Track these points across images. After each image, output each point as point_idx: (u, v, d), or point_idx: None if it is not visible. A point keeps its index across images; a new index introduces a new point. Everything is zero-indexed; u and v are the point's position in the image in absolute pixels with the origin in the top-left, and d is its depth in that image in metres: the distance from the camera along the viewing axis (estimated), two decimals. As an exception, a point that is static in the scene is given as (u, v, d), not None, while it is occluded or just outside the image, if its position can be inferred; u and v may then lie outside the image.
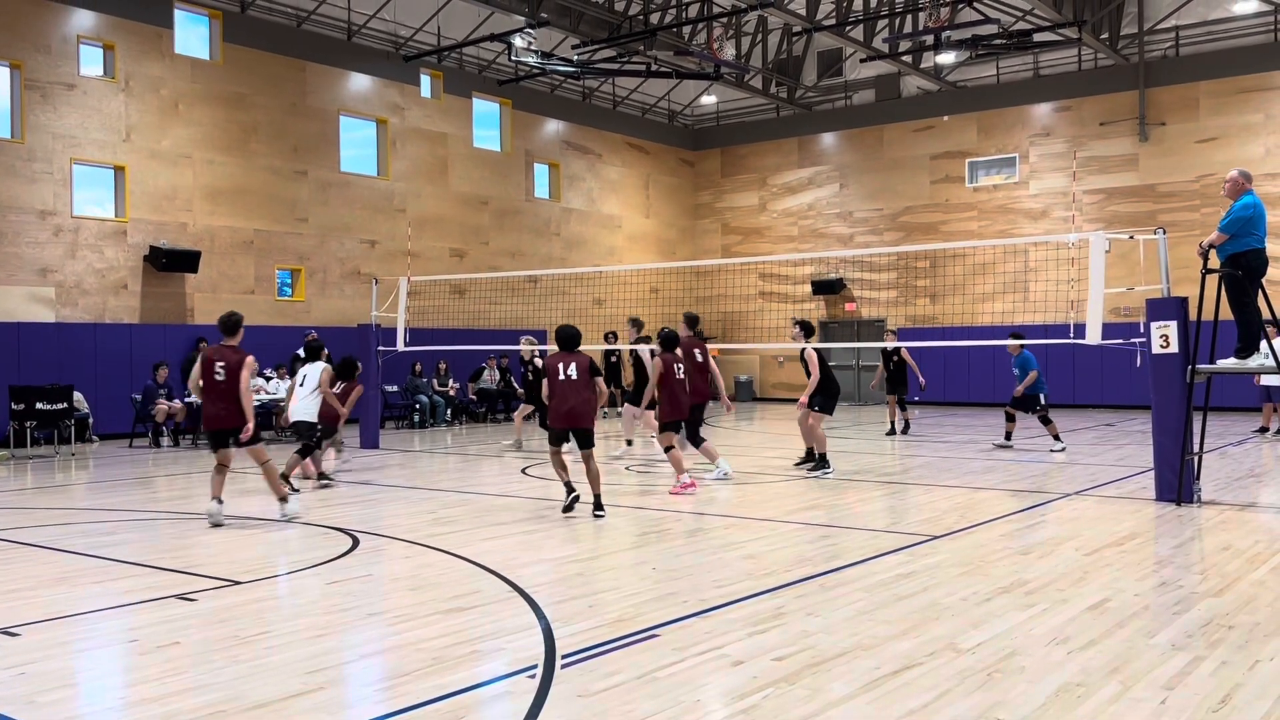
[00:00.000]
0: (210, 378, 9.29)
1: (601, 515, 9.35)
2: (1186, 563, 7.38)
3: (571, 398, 9.40)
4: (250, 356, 9.39)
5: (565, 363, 9.44)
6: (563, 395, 9.41)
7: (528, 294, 24.88)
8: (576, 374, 9.40)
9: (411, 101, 23.87)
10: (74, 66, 18.46)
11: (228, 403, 9.25)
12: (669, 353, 11.47)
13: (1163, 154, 24.39)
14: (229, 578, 7.08)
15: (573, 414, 9.41)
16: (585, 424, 9.49)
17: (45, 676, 4.98)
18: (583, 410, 9.44)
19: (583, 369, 9.44)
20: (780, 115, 29.92)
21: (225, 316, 9.64)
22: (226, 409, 9.26)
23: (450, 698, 4.59)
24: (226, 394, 9.24)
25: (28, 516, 10.05)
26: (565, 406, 9.41)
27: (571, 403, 9.40)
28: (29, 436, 16.25)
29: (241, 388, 9.22)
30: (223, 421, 9.33)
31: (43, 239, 18.01)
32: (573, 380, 9.39)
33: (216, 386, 9.27)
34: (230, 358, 9.31)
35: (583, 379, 9.42)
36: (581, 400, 9.42)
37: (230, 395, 9.23)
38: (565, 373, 9.39)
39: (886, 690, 4.64)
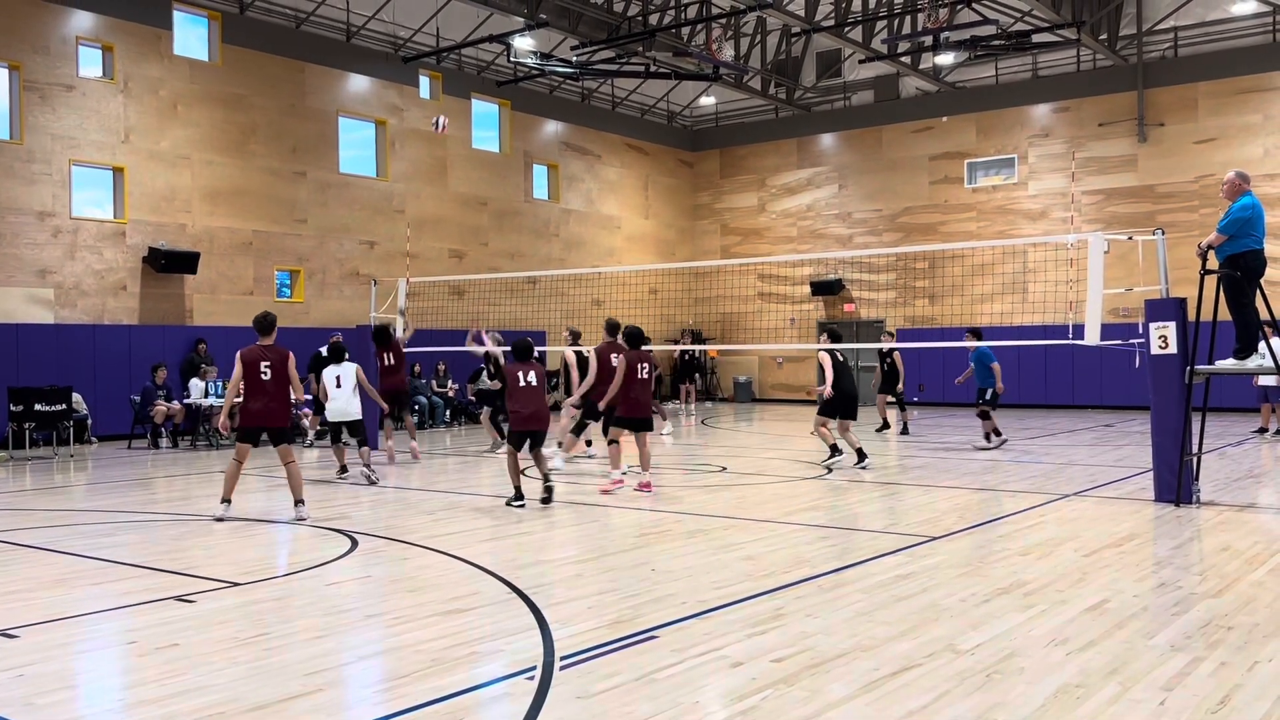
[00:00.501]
0: (256, 378, 9.60)
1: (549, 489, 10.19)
2: (1185, 564, 7.38)
3: (533, 404, 10.06)
4: (290, 353, 9.81)
5: (524, 371, 10.10)
6: (525, 401, 10.05)
7: (527, 295, 24.88)
8: (536, 381, 10.07)
9: (410, 102, 23.87)
10: (73, 68, 18.46)
11: (278, 401, 9.65)
12: (635, 350, 11.43)
13: (1161, 155, 24.40)
14: (228, 579, 7.08)
15: (535, 418, 10.09)
16: (545, 428, 10.27)
17: (44, 678, 4.98)
18: (544, 415, 10.22)
19: (540, 377, 10.14)
20: (779, 116, 29.92)
21: (261, 316, 9.92)
22: (279, 406, 9.67)
23: (449, 699, 4.59)
24: (275, 391, 9.63)
25: (27, 518, 10.04)
26: (528, 411, 10.06)
27: (534, 408, 10.07)
28: (28, 438, 16.24)
29: (293, 381, 9.75)
30: (276, 419, 9.70)
31: (42, 240, 18.01)
32: (533, 387, 10.07)
33: (264, 385, 9.61)
34: (273, 356, 9.69)
35: (541, 386, 10.12)
36: (542, 405, 10.18)
37: (280, 393, 9.66)
38: (525, 380, 10.06)
39: (885, 691, 4.64)
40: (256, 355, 9.67)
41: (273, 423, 9.70)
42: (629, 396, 11.33)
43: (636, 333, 11.49)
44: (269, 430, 9.72)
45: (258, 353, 9.69)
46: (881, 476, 12.67)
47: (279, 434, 9.79)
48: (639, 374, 11.32)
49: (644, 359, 11.41)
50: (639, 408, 11.39)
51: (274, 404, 9.64)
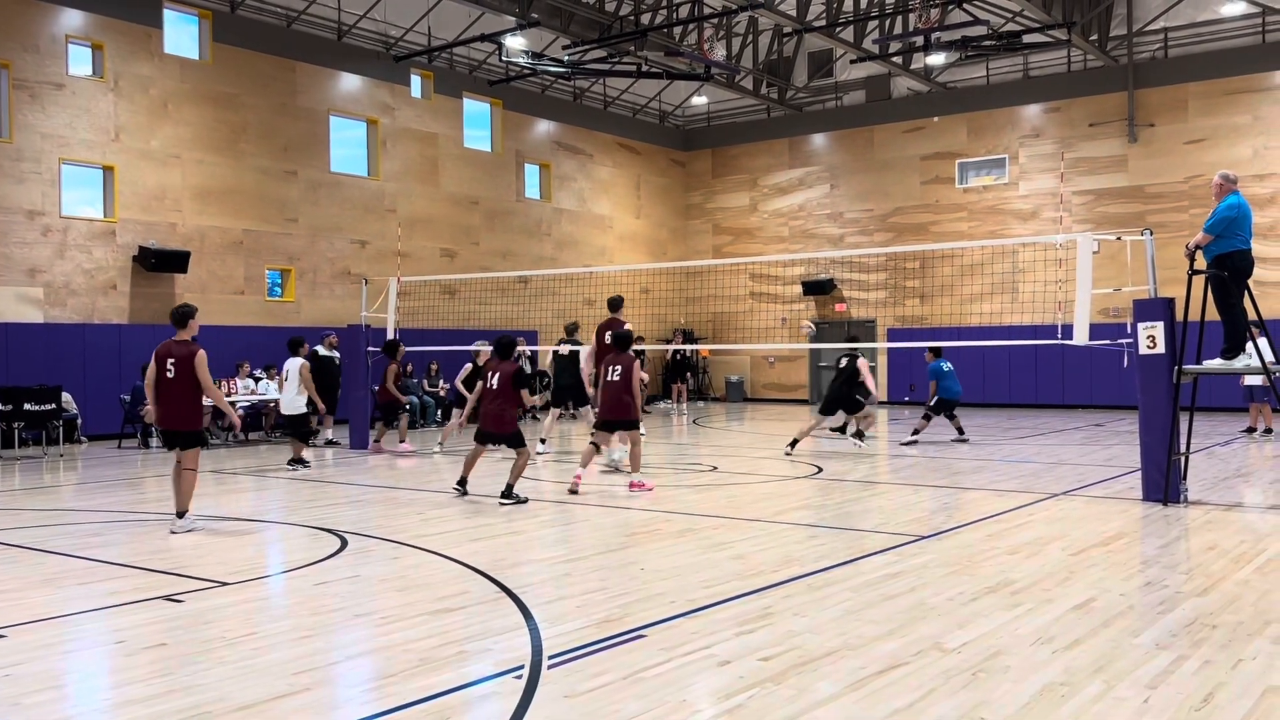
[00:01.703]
0: (162, 375, 8.96)
1: (505, 503, 10.14)
2: (1172, 562, 7.42)
3: (487, 405, 10.27)
4: (202, 351, 8.98)
5: (491, 371, 10.27)
6: (487, 399, 10.32)
7: (518, 294, 24.87)
8: (498, 384, 10.15)
9: (402, 102, 23.84)
10: (62, 66, 18.41)
11: (179, 402, 8.89)
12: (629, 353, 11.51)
13: (1151, 155, 24.49)
14: (216, 579, 7.08)
15: (486, 418, 10.28)
16: (495, 429, 10.31)
17: (31, 678, 4.97)
18: (495, 416, 10.27)
19: (504, 379, 10.15)
20: (771, 116, 29.96)
21: (175, 309, 9.26)
22: (178, 408, 8.89)
23: (437, 698, 4.60)
24: (178, 392, 8.89)
25: (15, 518, 10.01)
26: (485, 409, 10.34)
27: (487, 409, 10.28)
28: (17, 437, 16.20)
29: (203, 383, 8.92)
30: (173, 421, 8.94)
31: (31, 239, 17.96)
32: (492, 389, 10.20)
33: (168, 384, 8.92)
34: (180, 352, 8.94)
35: (502, 388, 10.14)
36: (494, 408, 10.25)
37: (183, 394, 8.88)
38: (490, 381, 10.22)
39: (872, 690, 4.65)
40: (163, 351, 9.04)
41: (168, 425, 8.98)
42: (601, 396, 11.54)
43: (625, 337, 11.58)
44: (163, 434, 9.12)
45: (165, 349, 9.05)
46: (871, 476, 12.71)
47: (173, 437, 9.00)
48: (607, 374, 11.36)
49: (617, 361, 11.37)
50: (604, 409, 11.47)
51: (172, 406, 8.90)
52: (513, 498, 10.21)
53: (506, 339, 10.48)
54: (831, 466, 13.56)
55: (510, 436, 10.36)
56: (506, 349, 10.39)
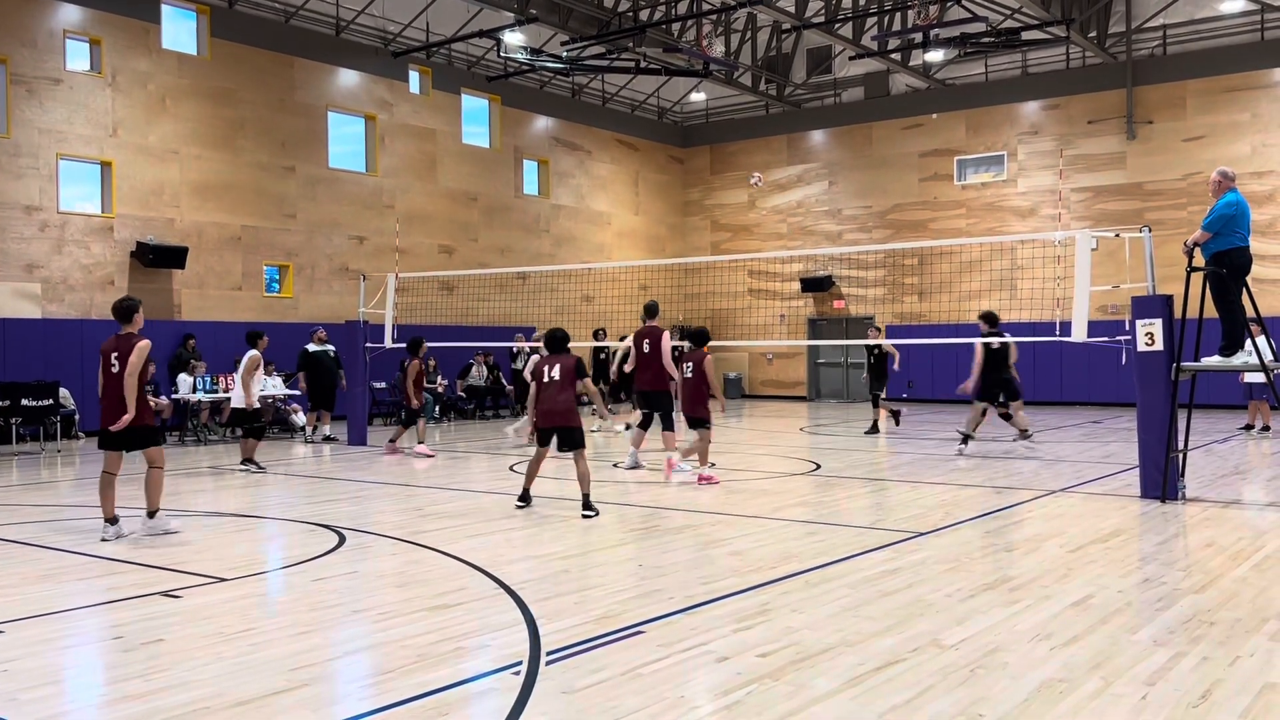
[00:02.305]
0: (107, 372, 8.41)
1: (590, 515, 9.23)
2: (1170, 559, 7.42)
3: (549, 399, 9.49)
4: (145, 341, 8.36)
5: (550, 365, 9.57)
6: (545, 395, 9.53)
7: (517, 291, 24.86)
8: (559, 375, 9.47)
9: (400, 97, 23.81)
10: (60, 61, 18.37)
11: (119, 399, 8.29)
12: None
13: (1150, 152, 24.49)
14: (214, 574, 7.07)
15: (550, 413, 9.48)
16: (562, 423, 9.48)
17: (29, 674, 4.97)
18: (560, 410, 9.46)
19: (566, 370, 9.49)
20: (769, 112, 29.94)
21: (119, 302, 8.61)
22: (118, 405, 8.30)
23: (435, 694, 4.60)
24: (118, 389, 8.30)
25: (12, 513, 10.01)
26: (544, 406, 9.53)
27: (549, 404, 9.48)
28: (14, 433, 16.17)
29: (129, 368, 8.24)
30: (112, 418, 8.35)
31: (29, 234, 17.93)
32: (554, 381, 9.48)
33: (112, 381, 8.36)
34: (123, 346, 8.35)
35: (565, 380, 9.47)
36: (560, 400, 9.46)
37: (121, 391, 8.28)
38: (549, 374, 9.52)
39: (870, 686, 4.65)
40: (107, 347, 8.46)
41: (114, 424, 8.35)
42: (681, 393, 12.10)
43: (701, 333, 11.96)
44: (107, 435, 8.41)
45: (109, 344, 8.47)
46: (869, 473, 12.71)
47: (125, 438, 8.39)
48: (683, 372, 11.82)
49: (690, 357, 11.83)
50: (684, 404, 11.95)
51: (117, 403, 8.30)
52: (594, 509, 9.34)
53: (560, 332, 9.74)
54: (829, 463, 13.56)
55: (571, 432, 9.49)
56: (561, 342, 9.67)
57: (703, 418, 11.75)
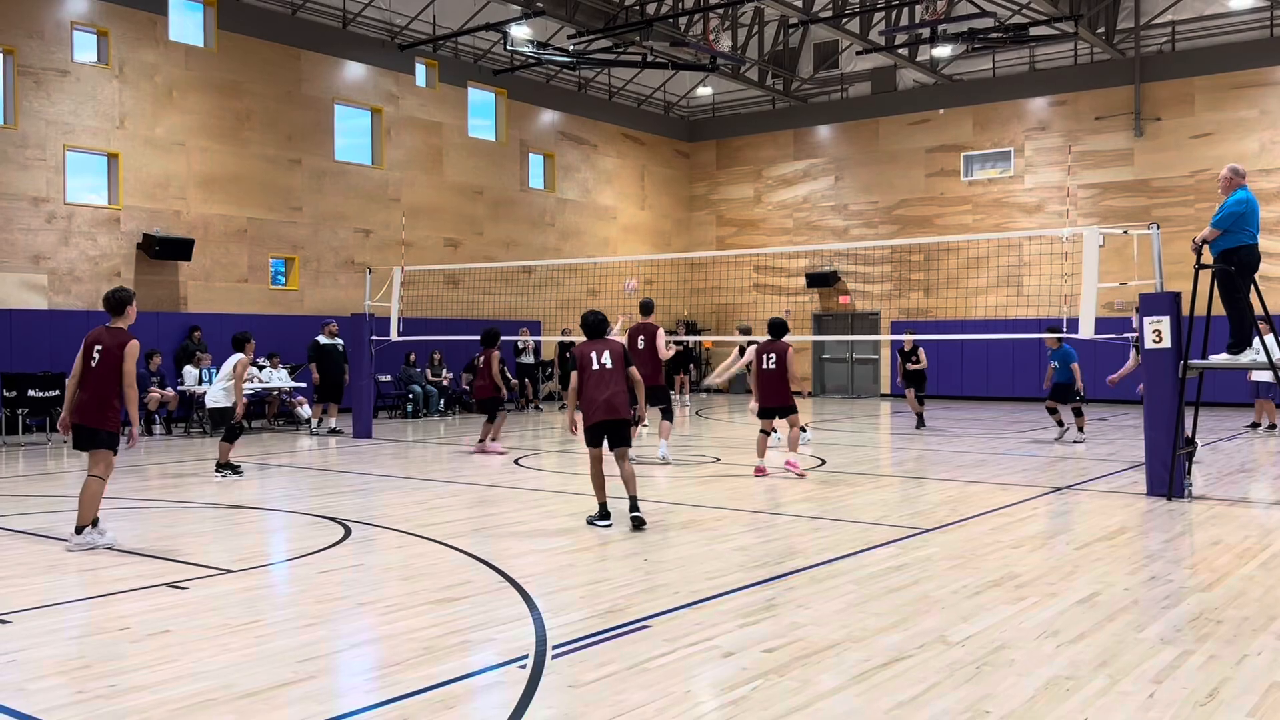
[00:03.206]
0: (86, 363, 7.88)
1: (639, 520, 8.34)
2: (1176, 557, 7.41)
3: (607, 387, 8.46)
4: (134, 341, 7.86)
5: (598, 350, 8.58)
6: (598, 385, 8.47)
7: (522, 284, 24.85)
8: (611, 362, 8.51)
9: (406, 90, 23.80)
10: (68, 53, 18.38)
11: (96, 395, 7.79)
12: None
13: (1158, 149, 24.42)
14: (221, 566, 7.08)
15: (610, 405, 8.42)
16: (622, 415, 8.49)
17: (36, 664, 4.98)
18: (620, 401, 8.48)
19: (619, 356, 8.57)
20: (776, 107, 29.89)
21: (111, 292, 8.12)
22: (93, 402, 7.78)
23: (441, 687, 4.60)
24: (97, 384, 7.80)
25: (19, 504, 10.03)
26: (602, 396, 8.43)
27: (608, 393, 8.44)
28: (21, 424, 16.21)
29: (125, 375, 7.73)
30: (86, 416, 7.79)
31: (36, 226, 17.95)
32: (607, 369, 8.49)
33: (89, 373, 7.84)
34: (109, 340, 7.85)
35: (618, 367, 8.53)
36: (618, 391, 8.49)
37: (102, 387, 7.78)
38: (599, 361, 8.51)
39: (876, 682, 4.65)
40: (92, 339, 7.96)
41: (80, 418, 7.81)
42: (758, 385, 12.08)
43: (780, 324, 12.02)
44: (75, 429, 7.85)
45: (95, 334, 7.98)
46: (874, 469, 12.69)
47: (83, 435, 7.84)
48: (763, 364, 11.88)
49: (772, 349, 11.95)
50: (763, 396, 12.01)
51: (89, 398, 7.79)
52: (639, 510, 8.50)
53: (595, 315, 8.81)
54: (834, 459, 13.55)
55: (624, 425, 8.55)
56: (600, 327, 8.75)
57: (791, 405, 11.90)
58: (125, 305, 8.05)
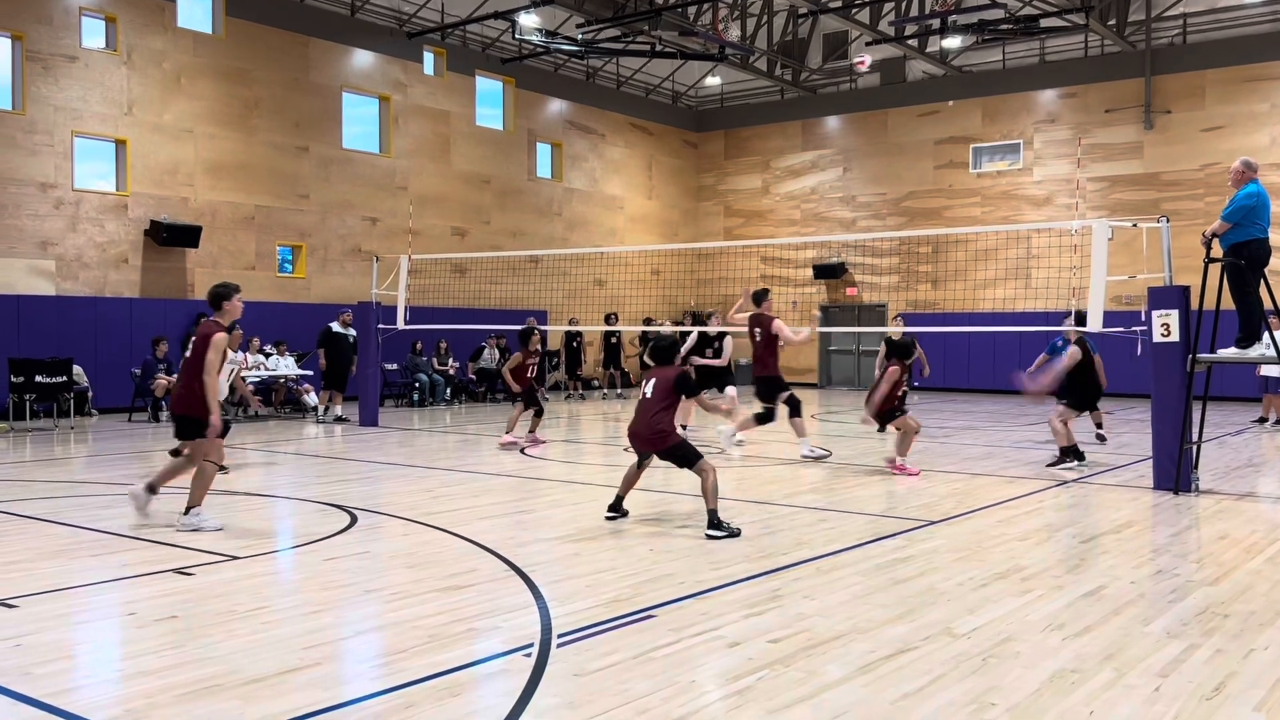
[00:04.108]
0: (184, 354, 8.22)
1: (717, 535, 7.70)
2: (1183, 551, 7.39)
3: (637, 418, 8.30)
4: (220, 334, 7.93)
5: (648, 378, 8.36)
6: (637, 411, 8.35)
7: (529, 274, 24.85)
8: (653, 391, 8.24)
9: (414, 79, 23.77)
10: (76, 38, 18.38)
11: (187, 385, 8.00)
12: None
13: (1168, 142, 24.31)
14: (226, 553, 7.10)
15: (635, 435, 8.30)
16: (650, 448, 8.26)
17: (42, 648, 5.00)
18: (646, 434, 8.18)
19: (662, 387, 8.19)
20: (784, 98, 29.80)
21: (212, 288, 8.29)
22: (185, 391, 8.02)
23: (446, 675, 4.61)
24: (189, 374, 8.00)
25: (26, 489, 10.06)
26: (631, 425, 8.36)
27: (636, 423, 8.29)
28: (28, 409, 16.25)
29: (206, 364, 7.81)
30: (180, 405, 8.09)
31: (43, 212, 17.98)
32: (647, 399, 8.26)
33: (184, 364, 8.13)
34: (201, 331, 8.02)
35: (659, 397, 8.16)
36: (648, 421, 8.15)
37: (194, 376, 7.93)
38: (644, 389, 8.34)
39: (881, 674, 4.65)
40: (194, 331, 8.30)
41: (176, 408, 8.15)
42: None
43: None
44: (175, 420, 8.18)
45: (196, 327, 8.22)
46: (880, 460, 12.67)
47: (182, 424, 8.12)
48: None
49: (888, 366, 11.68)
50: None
51: (181, 387, 8.08)
52: (722, 529, 7.75)
53: (666, 341, 8.56)
54: (840, 450, 13.54)
55: (677, 450, 8.18)
56: (665, 353, 8.49)
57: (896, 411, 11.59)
58: (222, 300, 8.15)
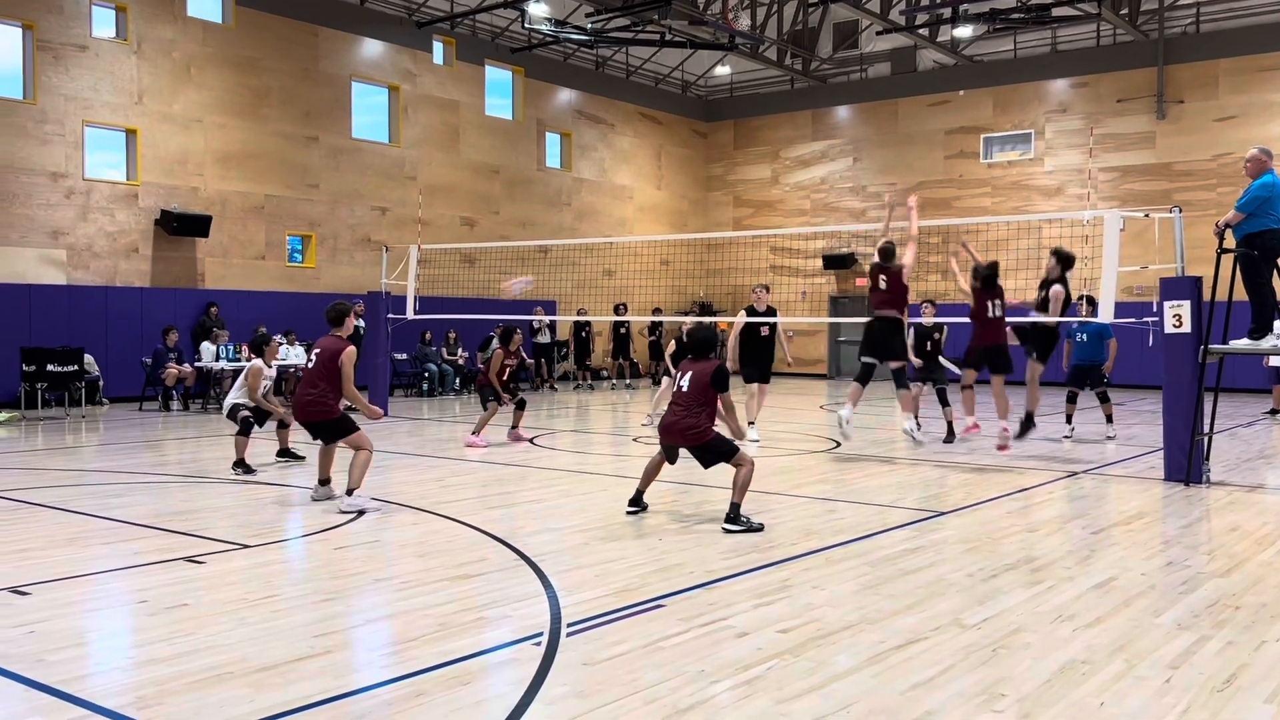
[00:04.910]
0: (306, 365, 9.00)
1: (734, 529, 7.54)
2: (1194, 543, 7.37)
3: (672, 412, 8.06)
4: (351, 348, 8.74)
5: (682, 372, 8.10)
6: (670, 406, 8.14)
7: (538, 264, 24.82)
8: (689, 385, 7.97)
9: (424, 68, 23.75)
10: (86, 28, 18.39)
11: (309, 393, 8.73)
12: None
13: (1180, 132, 24.17)
14: (237, 541, 7.12)
15: (668, 430, 8.05)
16: (684, 443, 8.01)
17: (55, 635, 5.02)
18: (679, 428, 7.93)
19: (699, 382, 7.92)
20: (794, 87, 29.70)
21: (333, 306, 9.02)
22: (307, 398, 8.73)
23: (456, 663, 4.62)
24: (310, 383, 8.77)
25: (38, 477, 10.10)
26: (665, 419, 8.13)
27: (670, 417, 8.05)
28: (40, 398, 16.32)
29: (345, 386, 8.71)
30: (303, 412, 8.77)
31: (54, 201, 18.02)
32: (683, 392, 8.00)
33: (306, 374, 8.92)
34: (326, 345, 8.82)
35: (695, 392, 7.92)
36: (683, 417, 7.92)
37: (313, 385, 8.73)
38: (679, 383, 8.07)
39: (891, 664, 4.64)
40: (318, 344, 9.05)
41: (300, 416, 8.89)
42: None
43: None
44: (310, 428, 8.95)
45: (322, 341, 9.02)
46: (890, 452, 12.66)
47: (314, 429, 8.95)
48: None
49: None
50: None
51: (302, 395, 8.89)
52: (741, 523, 7.59)
53: (702, 333, 8.31)
54: (849, 441, 13.51)
55: (712, 446, 7.95)
56: (703, 346, 8.22)
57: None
58: (344, 317, 8.89)
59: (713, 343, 8.29)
